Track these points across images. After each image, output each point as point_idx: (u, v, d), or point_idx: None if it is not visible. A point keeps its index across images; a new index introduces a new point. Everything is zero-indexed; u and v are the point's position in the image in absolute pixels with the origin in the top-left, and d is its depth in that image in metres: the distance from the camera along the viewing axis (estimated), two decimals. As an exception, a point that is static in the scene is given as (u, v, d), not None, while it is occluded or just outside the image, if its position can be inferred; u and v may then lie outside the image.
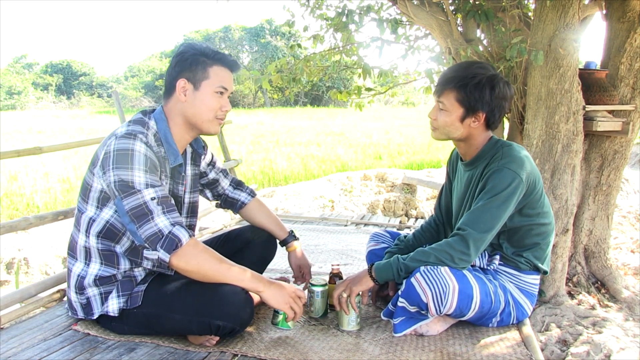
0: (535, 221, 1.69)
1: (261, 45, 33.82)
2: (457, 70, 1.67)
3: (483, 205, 1.59)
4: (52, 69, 39.12)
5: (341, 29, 3.39)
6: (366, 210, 6.12)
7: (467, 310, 1.59)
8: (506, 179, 1.58)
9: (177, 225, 1.47)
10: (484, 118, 1.66)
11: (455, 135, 1.70)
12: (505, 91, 1.65)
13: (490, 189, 1.60)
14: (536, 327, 2.23)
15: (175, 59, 1.61)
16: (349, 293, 1.67)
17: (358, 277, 1.70)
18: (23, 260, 3.85)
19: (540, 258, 1.74)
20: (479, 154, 1.72)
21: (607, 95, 2.46)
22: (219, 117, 1.63)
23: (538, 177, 1.68)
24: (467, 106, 1.64)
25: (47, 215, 2.17)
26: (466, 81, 1.62)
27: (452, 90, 1.64)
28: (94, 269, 1.60)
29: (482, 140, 1.72)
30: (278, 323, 1.62)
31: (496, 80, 1.63)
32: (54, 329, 1.70)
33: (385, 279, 1.68)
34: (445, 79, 1.67)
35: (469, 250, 1.57)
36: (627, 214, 5.19)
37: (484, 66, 1.67)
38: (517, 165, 1.60)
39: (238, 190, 2.02)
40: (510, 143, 1.70)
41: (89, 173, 1.58)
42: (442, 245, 1.61)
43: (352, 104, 3.98)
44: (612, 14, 2.58)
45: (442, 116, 1.68)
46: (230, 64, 1.64)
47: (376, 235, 2.12)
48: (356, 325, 1.73)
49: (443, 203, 2.00)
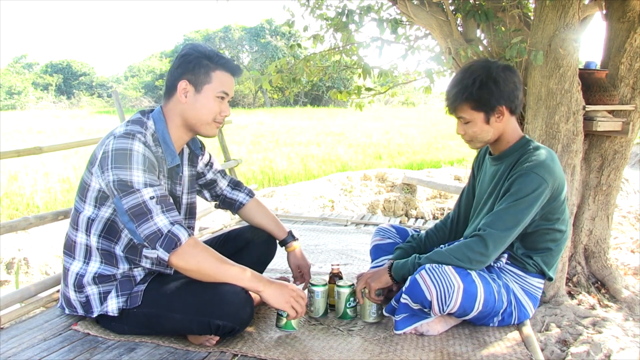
0: (552, 226, 1.68)
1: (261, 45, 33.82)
2: (456, 82, 1.68)
3: (506, 207, 1.59)
4: (52, 69, 39.11)
5: (341, 29, 3.39)
6: (366, 210, 6.12)
7: (470, 309, 1.59)
8: (532, 183, 1.57)
9: (177, 224, 1.47)
10: (506, 109, 1.66)
11: (489, 137, 1.70)
12: (508, 75, 1.65)
13: (515, 192, 1.59)
14: (536, 327, 2.23)
15: (179, 60, 1.61)
16: (368, 289, 1.72)
17: (377, 273, 1.74)
18: (23, 260, 3.85)
19: (548, 264, 1.73)
20: (509, 149, 1.72)
21: (607, 95, 2.46)
22: (217, 121, 1.63)
23: (564, 183, 1.67)
24: (484, 109, 1.65)
25: (47, 215, 2.17)
26: (470, 89, 1.63)
27: (462, 103, 1.66)
28: (94, 267, 1.60)
29: (513, 135, 1.72)
30: (283, 326, 1.62)
31: (495, 72, 1.63)
32: (54, 329, 1.70)
33: (403, 278, 1.70)
34: (450, 96, 1.69)
35: (488, 250, 1.57)
36: (627, 214, 5.19)
37: (476, 65, 1.68)
38: (544, 170, 1.59)
39: (236, 191, 2.02)
40: (541, 146, 1.69)
41: (87, 172, 1.58)
42: (460, 246, 1.61)
43: (352, 104, 3.98)
44: (612, 14, 2.58)
45: (468, 129, 1.70)
46: (233, 69, 1.64)
47: (382, 230, 2.10)
48: (377, 317, 1.78)
49: (463, 204, 1.98)
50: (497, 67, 1.65)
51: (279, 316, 1.62)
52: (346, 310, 1.79)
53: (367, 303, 1.77)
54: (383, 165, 8.57)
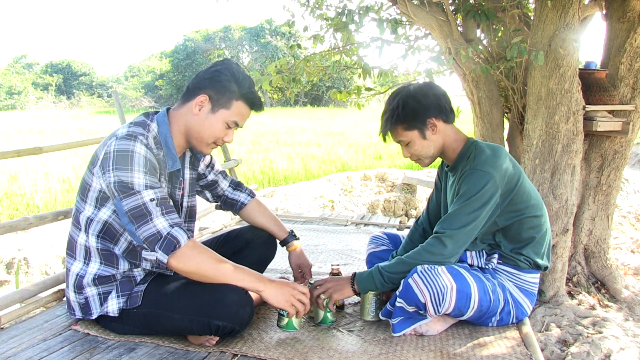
0: (525, 215, 1.69)
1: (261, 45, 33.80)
2: (385, 112, 1.74)
3: (459, 208, 1.61)
4: (52, 69, 39.10)
5: (341, 29, 3.39)
6: (366, 210, 6.12)
7: (465, 309, 1.59)
8: (479, 180, 1.59)
9: (176, 227, 1.47)
10: (436, 119, 1.69)
11: (434, 150, 1.74)
12: (426, 89, 1.70)
13: (465, 192, 1.61)
14: (536, 327, 2.23)
15: (211, 72, 1.59)
16: (329, 299, 1.71)
17: (339, 284, 1.72)
18: (23, 260, 3.86)
19: (539, 253, 1.74)
20: (458, 157, 1.74)
21: (607, 95, 2.46)
22: (216, 144, 1.64)
23: (516, 171, 1.67)
24: (416, 126, 1.69)
25: (47, 215, 2.17)
26: (396, 113, 1.68)
27: (395, 126, 1.71)
28: (94, 268, 1.60)
29: (456, 141, 1.74)
30: (284, 326, 1.62)
31: (413, 90, 1.69)
32: (54, 329, 1.70)
33: (367, 290, 1.72)
34: (383, 124, 1.74)
35: (446, 249, 1.59)
36: (627, 214, 5.19)
37: (398, 91, 1.74)
38: (488, 165, 1.61)
39: (237, 191, 2.02)
40: (482, 143, 1.71)
41: (88, 172, 1.58)
42: (419, 251, 1.63)
43: (351, 103, 3.98)
44: (612, 14, 2.58)
45: (411, 149, 1.74)
46: (256, 104, 1.64)
47: (375, 238, 2.14)
48: (375, 316, 1.77)
49: (432, 213, 2.01)
50: (416, 86, 1.72)
51: (280, 316, 1.62)
52: (326, 315, 1.75)
53: (367, 302, 1.76)
54: (383, 165, 8.58)
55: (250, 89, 1.61)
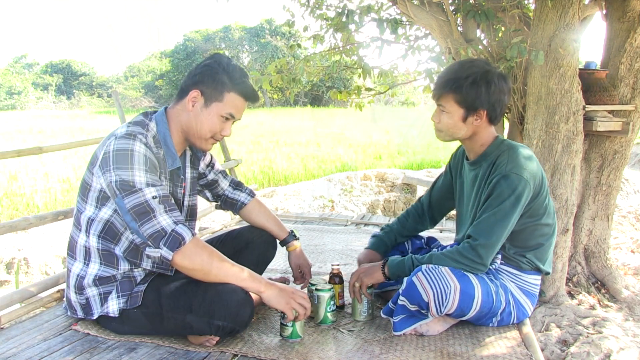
0: (539, 221, 1.69)
1: (261, 45, 33.76)
2: (451, 72, 1.68)
3: (493, 213, 1.60)
4: (52, 69, 39.06)
5: (341, 29, 3.39)
6: (366, 210, 6.12)
7: (468, 310, 1.59)
8: (513, 185, 1.58)
9: (180, 224, 1.47)
10: (486, 114, 1.66)
11: (460, 135, 1.71)
12: (502, 85, 1.66)
13: (497, 196, 1.60)
14: (536, 327, 2.23)
15: (201, 68, 1.59)
16: (360, 284, 1.74)
17: (370, 269, 1.76)
18: (23, 260, 3.86)
19: (542, 259, 1.74)
20: (484, 153, 1.72)
21: (607, 95, 2.46)
22: (215, 138, 1.63)
23: (543, 176, 1.68)
24: (466, 106, 1.64)
25: (47, 215, 2.17)
26: (461, 82, 1.62)
27: (449, 93, 1.65)
28: (94, 269, 1.60)
29: (487, 137, 1.72)
30: (289, 335, 1.61)
31: (490, 75, 1.63)
32: (54, 329, 1.70)
33: (397, 276, 1.72)
34: (441, 82, 1.68)
35: (482, 259, 1.60)
36: (627, 214, 5.19)
37: (477, 64, 1.68)
38: (523, 169, 1.60)
39: (237, 191, 2.02)
40: (514, 144, 1.70)
41: (88, 173, 1.58)
42: (454, 253, 1.63)
43: (352, 104, 3.98)
44: (612, 14, 2.58)
45: (444, 118, 1.69)
46: (249, 95, 1.62)
47: None
48: (368, 316, 1.78)
49: (435, 196, 2.02)
50: (494, 72, 1.66)
51: (284, 326, 1.62)
52: (326, 315, 1.76)
53: (357, 302, 1.78)
54: (383, 165, 8.58)
55: (242, 79, 1.59)
